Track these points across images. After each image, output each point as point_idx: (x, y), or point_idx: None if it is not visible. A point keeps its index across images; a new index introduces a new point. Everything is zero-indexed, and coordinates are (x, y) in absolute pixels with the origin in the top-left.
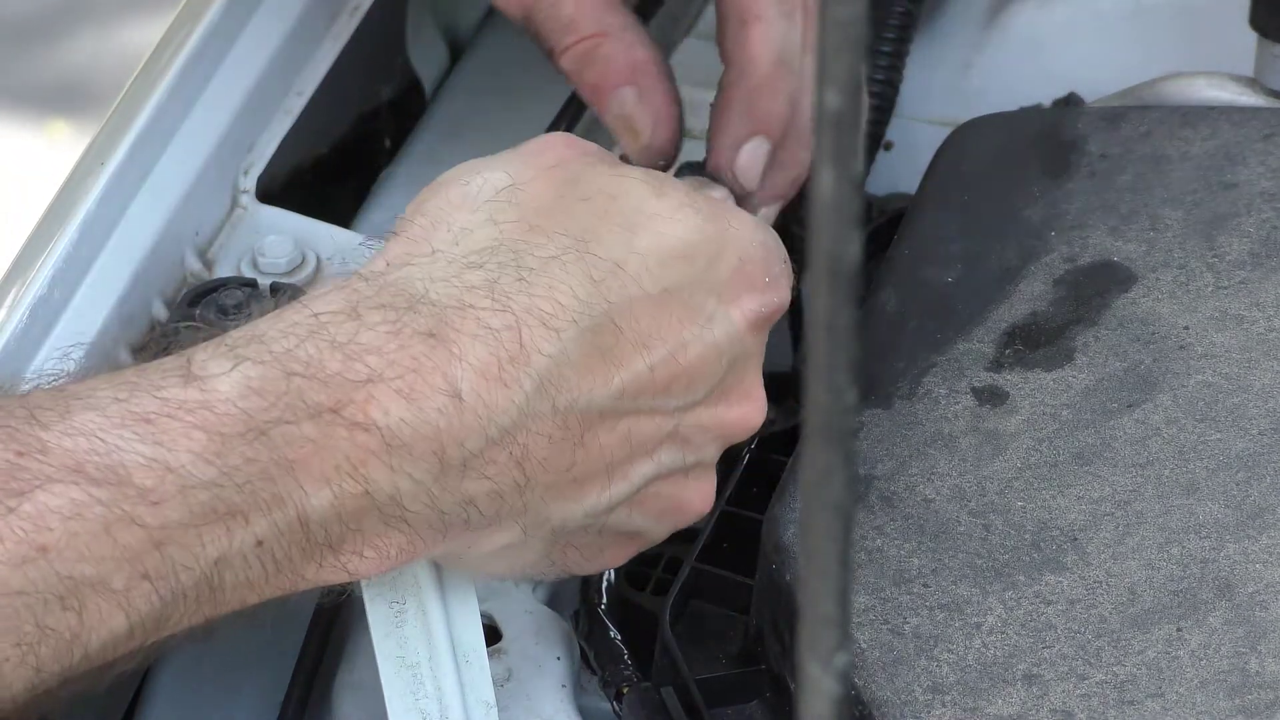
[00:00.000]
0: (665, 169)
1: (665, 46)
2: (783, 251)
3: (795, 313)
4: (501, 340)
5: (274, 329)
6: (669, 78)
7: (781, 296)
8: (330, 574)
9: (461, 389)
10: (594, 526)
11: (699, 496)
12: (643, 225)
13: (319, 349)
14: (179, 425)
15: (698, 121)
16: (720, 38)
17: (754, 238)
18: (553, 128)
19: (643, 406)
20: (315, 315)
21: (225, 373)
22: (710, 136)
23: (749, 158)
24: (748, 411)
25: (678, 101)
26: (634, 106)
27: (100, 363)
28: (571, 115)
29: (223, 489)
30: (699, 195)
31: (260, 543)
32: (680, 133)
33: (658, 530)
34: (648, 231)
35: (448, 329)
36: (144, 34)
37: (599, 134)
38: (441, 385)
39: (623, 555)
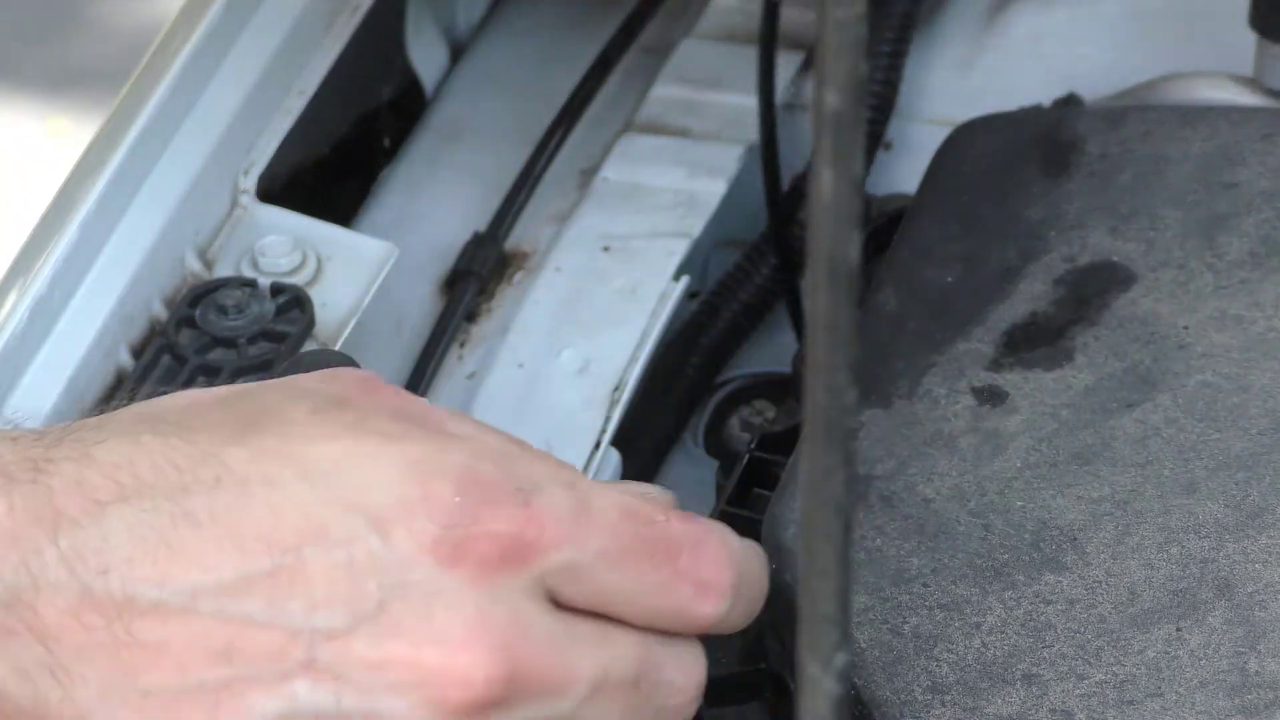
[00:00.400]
0: None
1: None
2: (520, 477)
3: (796, 313)
4: (25, 498)
5: None
6: None
7: (486, 515)
8: None
9: None
10: None
11: None
12: (273, 430)
13: None
14: None
15: (697, 122)
16: None
17: (457, 462)
18: (552, 128)
19: (237, 616)
20: None
21: None
22: None
23: None
24: (438, 659)
25: None
26: None
27: (102, 361)
28: (571, 115)
29: None
30: (397, 423)
31: None
32: None
33: None
34: (273, 435)
35: None
36: (144, 33)
37: (598, 133)
38: None
39: None
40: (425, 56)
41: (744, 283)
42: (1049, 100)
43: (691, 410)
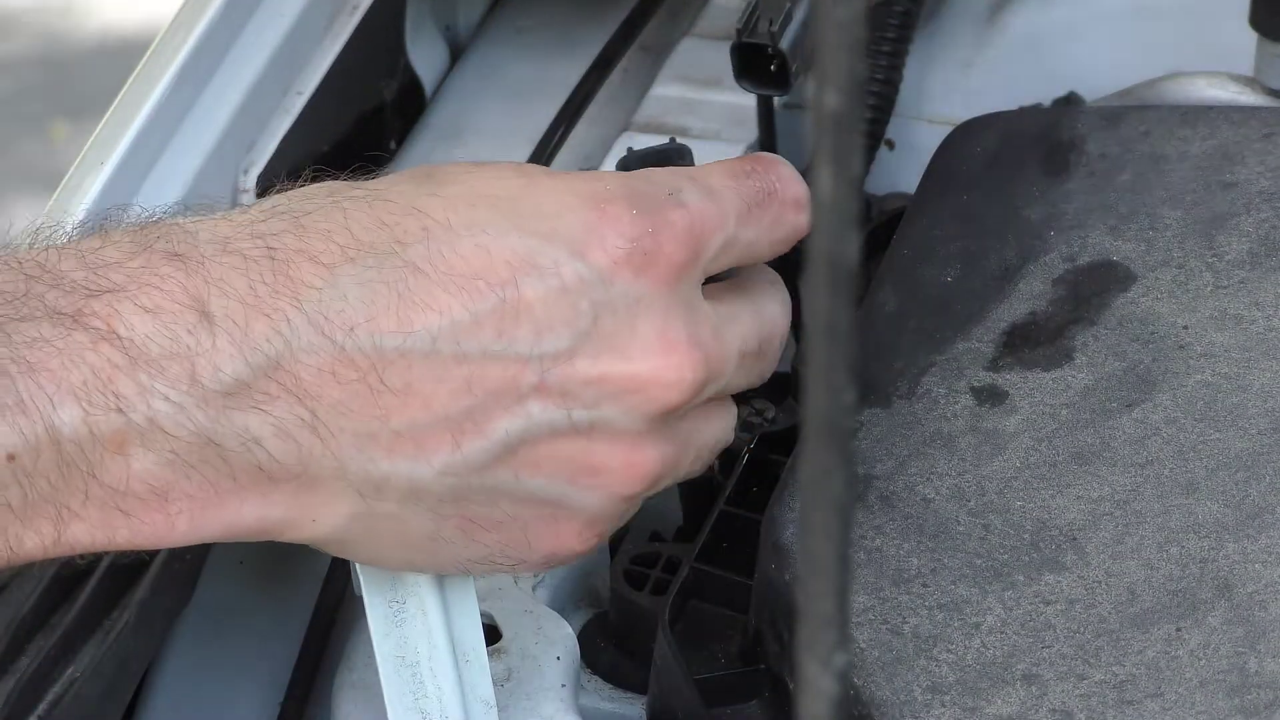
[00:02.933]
0: None
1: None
2: (666, 185)
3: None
4: (260, 271)
5: (25, 245)
6: None
7: (660, 222)
8: (112, 519)
9: (213, 311)
10: (477, 493)
11: (619, 461)
12: (454, 180)
13: (62, 258)
14: None
15: (696, 121)
16: None
17: (616, 184)
18: (552, 128)
19: (474, 352)
20: (69, 236)
21: None
22: None
23: None
24: (651, 368)
25: None
26: None
27: None
28: (571, 115)
29: None
30: (544, 169)
31: (11, 456)
32: None
33: (583, 499)
34: (456, 184)
35: (198, 253)
36: (144, 34)
37: (598, 133)
38: (188, 303)
39: (554, 536)
40: (425, 56)
41: None
42: (1049, 100)
43: None
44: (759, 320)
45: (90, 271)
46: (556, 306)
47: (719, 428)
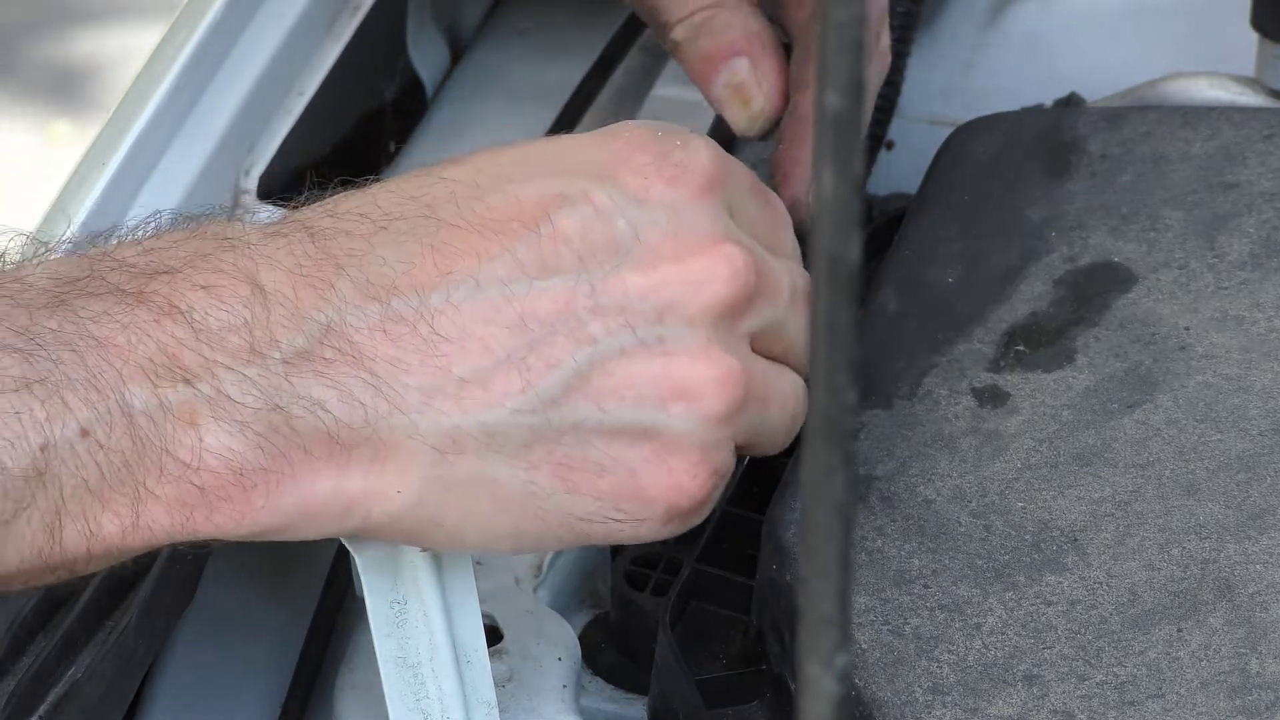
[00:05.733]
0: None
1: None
2: (681, 130)
3: None
4: (304, 248)
5: (86, 240)
6: (780, 50)
7: (687, 139)
8: (187, 496)
9: (264, 284)
10: (562, 432)
11: (702, 374)
12: (476, 154)
13: (121, 246)
14: None
15: (697, 122)
16: (786, 8)
17: (636, 122)
18: (553, 128)
19: (520, 289)
20: (122, 235)
21: (35, 265)
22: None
23: None
24: (702, 264)
25: (786, 73)
26: (747, 75)
27: None
28: (572, 115)
29: (30, 357)
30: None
31: (85, 432)
32: (786, 104)
33: (682, 425)
34: (480, 154)
35: (245, 238)
36: (144, 34)
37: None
38: (240, 278)
39: (667, 476)
40: (426, 56)
41: None
42: (1049, 100)
43: None
44: (801, 268)
45: (148, 256)
46: (595, 230)
47: (788, 382)
